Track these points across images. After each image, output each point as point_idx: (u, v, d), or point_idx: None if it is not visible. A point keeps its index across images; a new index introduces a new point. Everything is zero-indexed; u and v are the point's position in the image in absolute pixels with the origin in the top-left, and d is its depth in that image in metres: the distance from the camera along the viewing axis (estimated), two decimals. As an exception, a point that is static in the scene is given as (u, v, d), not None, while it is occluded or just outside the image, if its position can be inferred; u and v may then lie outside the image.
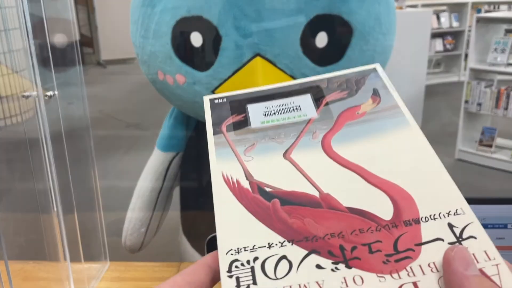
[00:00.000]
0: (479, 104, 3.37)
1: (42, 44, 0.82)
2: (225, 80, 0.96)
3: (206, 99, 0.43)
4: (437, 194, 0.32)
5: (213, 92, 0.99)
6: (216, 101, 0.43)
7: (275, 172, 0.34)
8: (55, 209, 0.84)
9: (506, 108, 3.27)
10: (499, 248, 0.76)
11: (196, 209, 1.25)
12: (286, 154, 0.35)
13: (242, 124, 0.39)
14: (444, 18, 5.81)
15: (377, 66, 0.44)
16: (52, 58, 0.83)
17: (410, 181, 0.32)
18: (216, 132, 0.39)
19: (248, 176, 0.34)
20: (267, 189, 0.33)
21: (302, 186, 0.33)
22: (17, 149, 0.86)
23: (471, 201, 0.82)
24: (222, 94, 0.43)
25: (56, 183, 0.83)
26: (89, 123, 0.98)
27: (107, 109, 4.82)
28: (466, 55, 4.06)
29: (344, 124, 0.37)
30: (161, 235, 1.33)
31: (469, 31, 5.36)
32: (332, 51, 0.97)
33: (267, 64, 0.93)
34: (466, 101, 3.43)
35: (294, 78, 0.95)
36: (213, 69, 0.96)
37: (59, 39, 0.91)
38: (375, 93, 0.41)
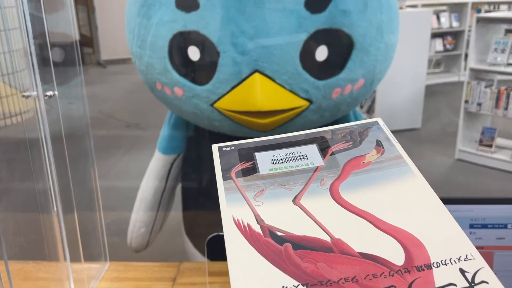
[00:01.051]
0: (479, 104, 3.37)
1: (42, 44, 0.82)
2: (224, 95, 0.95)
3: (215, 147, 0.43)
4: (446, 240, 0.33)
5: (212, 105, 0.98)
6: (224, 148, 0.43)
7: (285, 217, 0.35)
8: (55, 209, 0.84)
9: (506, 108, 3.27)
10: (500, 248, 0.76)
11: (197, 209, 1.25)
12: (295, 200, 0.36)
13: (251, 171, 0.40)
14: (444, 18, 5.80)
15: (379, 119, 0.46)
16: (52, 58, 0.83)
17: (419, 227, 0.33)
18: (225, 178, 0.40)
19: (259, 220, 0.35)
20: (279, 233, 0.33)
21: (313, 231, 0.33)
22: (17, 149, 0.86)
23: (471, 201, 0.82)
24: (230, 143, 0.44)
25: (56, 183, 0.83)
26: (89, 123, 0.98)
27: (107, 109, 4.82)
28: (466, 55, 4.06)
29: (350, 172, 0.38)
30: (162, 235, 1.34)
31: (469, 31, 5.36)
32: (332, 64, 0.96)
33: (266, 80, 0.91)
34: (466, 101, 3.43)
35: (293, 93, 0.94)
36: (212, 84, 0.95)
37: (58, 52, 0.91)
38: (379, 144, 0.43)
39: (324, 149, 0.41)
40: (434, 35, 5.73)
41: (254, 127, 0.99)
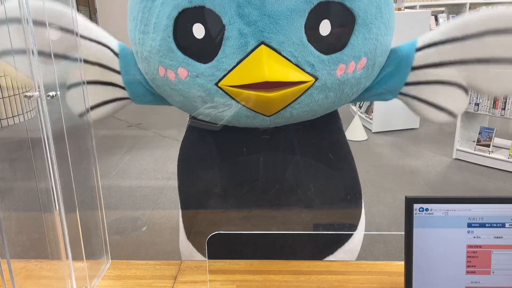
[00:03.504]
0: (477, 104, 3.39)
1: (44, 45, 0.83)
2: (229, 71, 0.95)
3: None
4: None
5: (216, 84, 0.98)
6: None
7: None
8: (57, 208, 0.84)
9: (503, 108, 3.28)
10: (498, 247, 0.77)
11: (196, 207, 1.24)
12: None
13: None
14: (442, 19, 5.82)
15: None
16: (54, 58, 0.84)
17: None
18: None
19: None
20: None
21: None
22: (19, 149, 0.87)
23: (469, 200, 0.83)
24: None
25: (58, 182, 0.83)
26: (91, 122, 0.98)
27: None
28: (464, 56, 4.08)
29: None
30: (162, 234, 1.33)
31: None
32: (336, 39, 0.97)
33: (272, 53, 0.92)
34: (464, 101, 3.44)
35: (299, 66, 0.94)
36: (217, 60, 0.95)
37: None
38: None
39: None
40: (433, 36, 5.74)
41: (260, 104, 0.99)
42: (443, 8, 6.13)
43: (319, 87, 0.98)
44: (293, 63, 0.94)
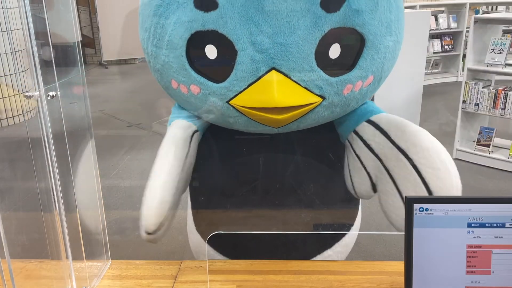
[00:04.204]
0: (477, 104, 3.39)
1: (44, 45, 0.83)
2: (240, 92, 0.97)
3: None
4: None
5: (227, 102, 0.99)
6: None
7: None
8: (57, 208, 0.84)
9: (503, 108, 3.28)
10: (498, 247, 0.77)
11: (206, 206, 1.23)
12: None
13: None
14: (442, 19, 5.82)
15: None
16: (54, 59, 0.83)
17: None
18: None
19: None
20: None
21: None
22: (19, 149, 0.87)
23: (469, 200, 0.83)
24: None
25: (58, 182, 0.83)
26: (91, 122, 0.98)
27: (108, 109, 4.82)
28: (464, 56, 4.07)
29: None
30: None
31: (467, 31, 5.37)
32: (345, 62, 0.98)
33: (282, 77, 0.94)
34: (464, 101, 3.44)
35: (308, 89, 0.96)
36: (229, 82, 0.96)
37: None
38: None
39: None
40: (432, 36, 5.75)
41: (269, 123, 1.02)
42: (443, 8, 6.13)
43: (326, 105, 1.01)
44: (302, 86, 0.96)
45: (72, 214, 0.88)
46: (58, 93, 0.83)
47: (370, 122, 1.10)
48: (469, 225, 0.77)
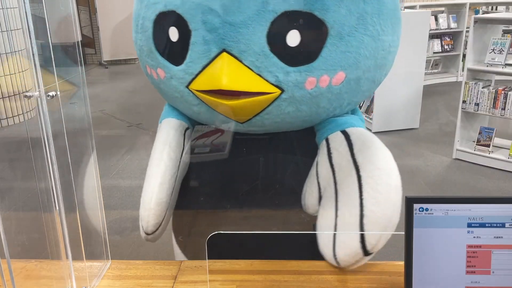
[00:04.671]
0: (477, 104, 3.39)
1: (44, 45, 0.83)
2: (196, 75, 0.96)
3: None
4: None
5: (187, 87, 0.98)
6: None
7: None
8: (57, 208, 0.84)
9: (503, 108, 3.28)
10: (498, 247, 0.77)
11: (188, 208, 1.22)
12: None
13: None
14: (442, 19, 5.82)
15: None
16: (54, 59, 0.83)
17: None
18: None
19: None
20: None
21: None
22: (19, 149, 0.87)
23: (469, 200, 0.83)
24: None
25: (58, 182, 0.83)
26: (91, 122, 0.98)
27: (108, 109, 4.83)
28: (464, 56, 4.08)
29: None
30: (163, 233, 1.33)
31: (467, 32, 5.37)
32: (305, 51, 0.92)
33: (233, 60, 0.91)
34: (464, 101, 3.44)
35: (261, 76, 0.92)
36: (186, 64, 0.96)
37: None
38: None
39: None
40: (432, 36, 5.75)
41: (223, 110, 0.98)
42: (443, 8, 6.14)
43: (287, 99, 0.95)
44: (255, 73, 0.91)
45: (72, 214, 0.88)
46: (58, 93, 0.83)
47: (343, 132, 1.03)
48: (469, 225, 0.77)
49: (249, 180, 1.17)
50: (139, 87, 5.83)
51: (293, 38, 0.90)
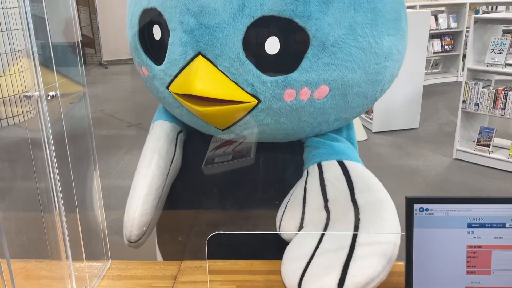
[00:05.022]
0: (477, 104, 3.39)
1: (44, 45, 0.83)
2: (175, 77, 0.92)
3: None
4: None
5: (167, 88, 0.95)
6: None
7: None
8: (57, 208, 0.84)
9: (503, 108, 3.28)
10: (498, 247, 0.77)
11: (172, 208, 1.21)
12: None
13: None
14: (442, 19, 5.82)
15: None
16: (54, 59, 0.84)
17: None
18: None
19: None
20: None
21: None
22: (19, 149, 0.87)
23: (469, 200, 0.83)
24: None
25: (58, 183, 0.83)
26: (91, 123, 0.98)
27: (108, 109, 4.83)
28: (464, 56, 4.08)
29: None
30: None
31: (467, 31, 5.38)
32: (285, 60, 0.86)
33: (208, 64, 0.86)
34: (464, 101, 3.45)
35: (237, 84, 0.86)
36: (165, 64, 0.93)
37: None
38: None
39: None
40: (432, 36, 5.75)
41: (198, 115, 0.94)
42: (443, 8, 6.14)
43: (264, 110, 0.89)
44: (231, 79, 0.86)
45: (72, 214, 0.88)
46: (58, 93, 0.83)
47: (342, 164, 0.96)
48: (469, 225, 0.77)
49: (249, 180, 1.17)
50: (139, 87, 5.83)
51: (272, 45, 0.84)
